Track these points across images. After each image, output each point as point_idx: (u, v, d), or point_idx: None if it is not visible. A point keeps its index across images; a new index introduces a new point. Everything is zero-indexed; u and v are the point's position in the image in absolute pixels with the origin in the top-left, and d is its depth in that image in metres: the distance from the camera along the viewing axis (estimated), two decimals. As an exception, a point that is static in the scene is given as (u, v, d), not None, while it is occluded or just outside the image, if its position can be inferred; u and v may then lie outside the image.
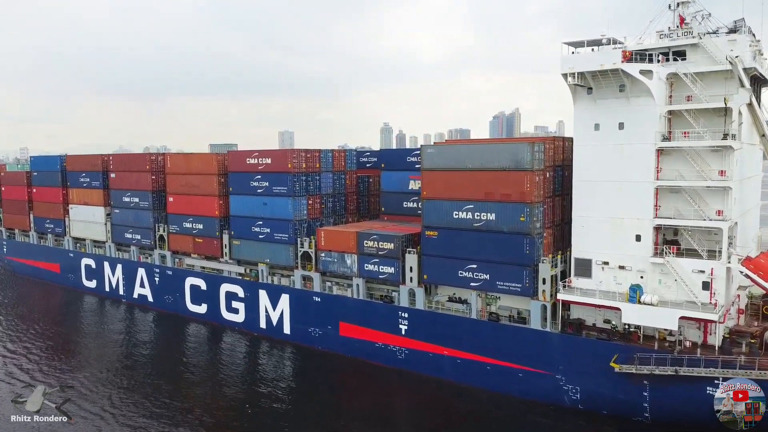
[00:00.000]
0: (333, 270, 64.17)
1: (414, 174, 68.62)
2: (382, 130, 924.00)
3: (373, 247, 60.31)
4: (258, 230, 70.59)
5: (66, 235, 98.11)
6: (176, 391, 57.48)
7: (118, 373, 62.21)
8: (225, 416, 51.71)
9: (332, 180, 71.69)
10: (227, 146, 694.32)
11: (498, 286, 52.24)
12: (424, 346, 57.45)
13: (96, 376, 61.03)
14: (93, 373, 61.94)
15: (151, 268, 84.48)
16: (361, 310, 62.01)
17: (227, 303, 75.00)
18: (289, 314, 68.51)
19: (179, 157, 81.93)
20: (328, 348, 65.15)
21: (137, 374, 61.97)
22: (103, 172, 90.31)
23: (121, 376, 61.09)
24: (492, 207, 51.85)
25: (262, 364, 65.68)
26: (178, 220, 79.84)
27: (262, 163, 69.51)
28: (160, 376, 61.28)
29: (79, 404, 52.85)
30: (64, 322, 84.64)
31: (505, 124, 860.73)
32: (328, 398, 55.47)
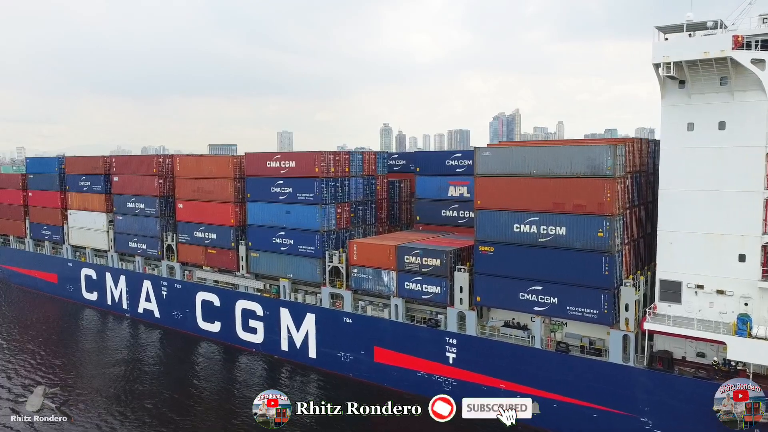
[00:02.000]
0: (367, 288, 56.78)
1: (454, 179, 61.58)
2: (382, 131, 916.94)
3: (415, 263, 52.94)
4: (279, 241, 63.16)
5: (64, 242, 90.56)
6: (182, 415, 51.48)
7: (116, 397, 55.81)
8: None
9: (362, 185, 64.31)
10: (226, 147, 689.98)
11: (569, 311, 44.88)
12: (477, 378, 50.08)
13: (92, 400, 54.73)
14: (89, 395, 55.70)
15: (158, 281, 76.99)
16: (401, 334, 54.62)
17: (244, 322, 67.55)
18: (315, 336, 61.07)
19: (190, 159, 74.52)
20: (360, 376, 57.75)
21: (140, 396, 55.85)
22: (105, 175, 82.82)
23: (120, 401, 54.76)
24: (562, 220, 44.50)
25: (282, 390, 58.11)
26: (188, 229, 72.38)
27: (284, 167, 62.10)
28: (166, 400, 55.14)
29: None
30: (61, 336, 77.32)
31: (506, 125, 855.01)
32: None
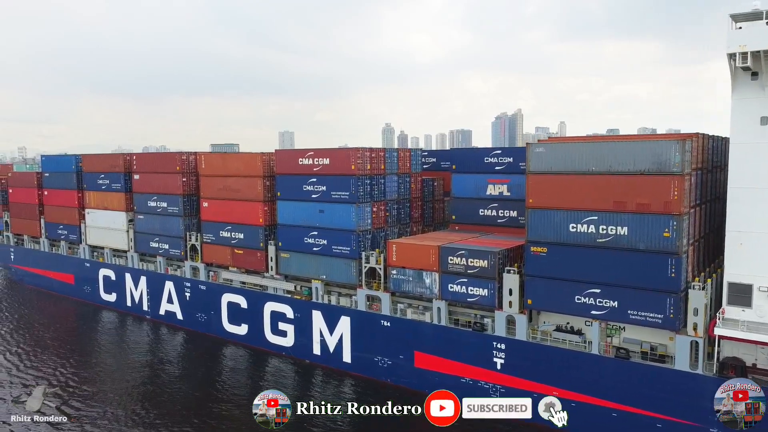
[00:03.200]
0: (407, 290, 54.52)
1: (494, 177, 59.24)
2: (384, 131, 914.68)
3: (460, 264, 50.67)
4: (312, 242, 60.91)
5: (81, 242, 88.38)
6: (206, 417, 50.18)
7: (136, 397, 54.93)
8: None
9: (397, 184, 62.06)
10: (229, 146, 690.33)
11: (630, 315, 42.60)
12: (527, 385, 47.78)
13: (110, 399, 54.03)
14: (106, 396, 54.92)
15: (180, 282, 74.77)
16: (443, 338, 52.37)
17: (273, 324, 65.31)
18: (350, 340, 58.83)
19: (216, 156, 72.32)
20: (399, 381, 55.51)
21: (160, 397, 54.71)
22: (125, 174, 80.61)
23: (139, 402, 53.73)
24: (624, 219, 42.20)
25: (315, 396, 55.96)
26: (213, 229, 70.15)
27: (318, 164, 59.86)
28: (189, 402, 54.20)
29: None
30: (79, 338, 75.68)
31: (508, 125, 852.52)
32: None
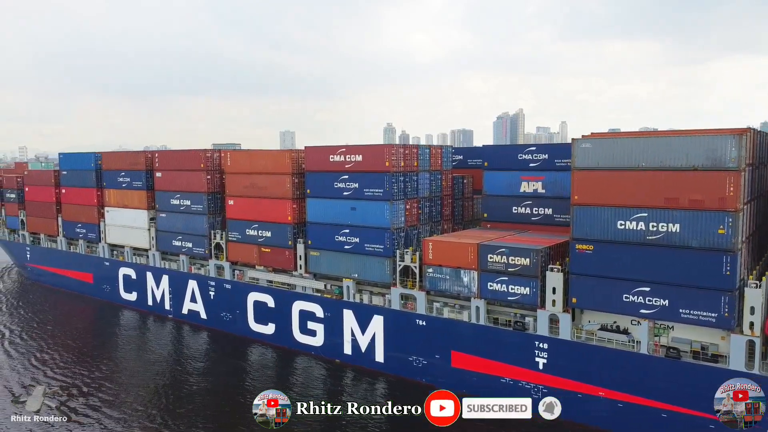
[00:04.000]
0: (444, 289, 53.65)
1: (528, 174, 58.43)
2: (386, 131, 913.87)
3: (500, 262, 49.78)
4: (343, 240, 60.04)
5: (101, 241, 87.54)
6: (231, 416, 49.76)
7: (157, 392, 55.47)
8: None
9: (429, 181, 61.18)
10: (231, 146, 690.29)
11: (681, 314, 41.72)
12: (570, 385, 46.96)
13: (131, 394, 54.49)
14: (127, 390, 55.46)
15: (204, 281, 73.91)
16: (482, 337, 51.50)
17: (301, 324, 64.45)
18: (383, 340, 57.97)
19: (242, 154, 71.41)
20: (434, 381, 54.56)
21: (182, 393, 54.86)
22: (146, 171, 79.76)
23: (161, 395, 54.34)
24: (676, 216, 41.30)
25: (346, 398, 54.99)
26: (239, 227, 69.28)
27: (350, 161, 58.96)
28: (213, 399, 53.85)
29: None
30: (98, 336, 75.26)
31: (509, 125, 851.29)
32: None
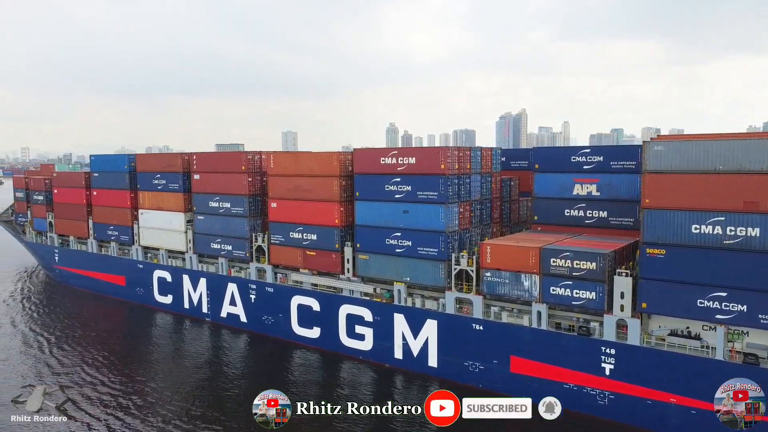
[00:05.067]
0: (503, 293, 52.99)
1: (581, 176, 57.80)
2: (388, 131, 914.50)
3: (564, 266, 49.13)
4: (395, 243, 59.40)
5: (134, 243, 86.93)
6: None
7: (193, 392, 55.92)
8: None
9: (480, 183, 60.56)
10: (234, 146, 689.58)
11: (761, 320, 41.09)
12: (639, 391, 46.30)
13: (169, 396, 54.34)
14: (164, 392, 55.32)
15: (245, 284, 73.25)
16: (544, 343, 50.85)
17: (349, 328, 63.80)
18: (437, 344, 57.33)
19: (286, 156, 70.76)
20: (492, 386, 53.98)
21: (221, 395, 55.15)
22: (183, 173, 79.15)
23: (196, 397, 54.72)
24: (756, 220, 40.66)
25: (397, 403, 54.03)
26: (282, 230, 68.65)
27: (402, 163, 58.31)
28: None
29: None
30: (131, 338, 74.76)
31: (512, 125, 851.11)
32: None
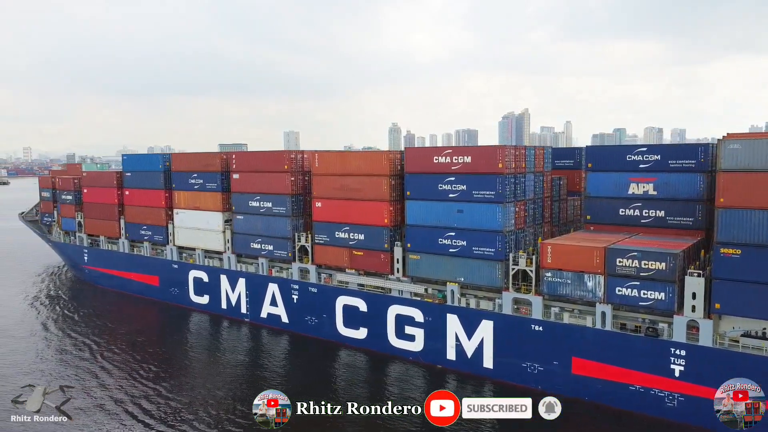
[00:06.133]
0: (564, 293, 52.30)
1: (637, 175, 56.93)
2: (391, 131, 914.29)
3: (631, 266, 48.43)
4: (448, 243, 58.73)
5: (168, 243, 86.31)
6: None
7: (235, 395, 54.96)
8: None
9: (533, 182, 59.90)
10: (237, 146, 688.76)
11: None
12: (712, 393, 45.47)
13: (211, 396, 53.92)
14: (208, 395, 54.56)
15: (287, 284, 72.60)
16: (608, 344, 50.14)
17: (398, 328, 63.15)
18: (493, 345, 56.66)
19: (332, 155, 69.99)
20: (551, 388, 53.17)
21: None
22: (222, 173, 78.53)
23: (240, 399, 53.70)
24: (840, 219, 40.04)
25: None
26: (327, 229, 67.99)
27: (457, 162, 57.63)
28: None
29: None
30: (171, 339, 74.28)
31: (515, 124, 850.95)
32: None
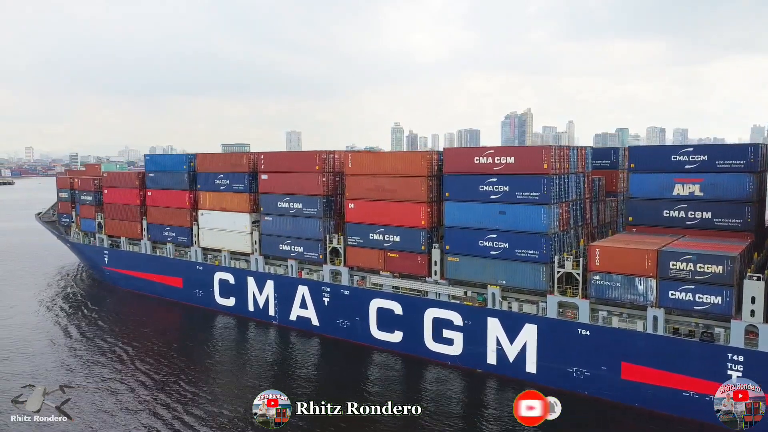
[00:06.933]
0: (613, 297, 51.17)
1: (683, 176, 55.85)
2: (393, 131, 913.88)
3: (685, 270, 47.31)
4: (489, 245, 57.63)
5: (193, 245, 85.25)
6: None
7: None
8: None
9: (576, 183, 58.80)
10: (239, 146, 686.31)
11: None
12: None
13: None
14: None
15: (318, 287, 71.51)
16: (661, 349, 49.02)
17: (435, 332, 62.06)
18: (536, 349, 55.56)
19: (366, 156, 68.96)
20: (599, 393, 52.26)
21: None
22: (249, 173, 77.48)
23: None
24: None
25: (492, 410, 52.34)
26: (361, 231, 66.90)
27: (499, 163, 56.53)
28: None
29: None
30: (198, 342, 72.56)
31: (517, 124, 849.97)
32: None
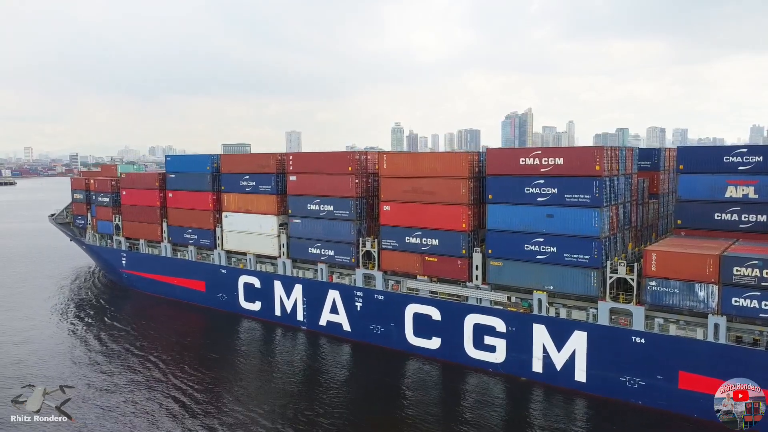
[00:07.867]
0: (671, 304, 49.24)
1: (736, 178, 54.05)
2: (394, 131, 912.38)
3: (750, 276, 45.41)
4: (535, 249, 55.69)
5: (216, 247, 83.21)
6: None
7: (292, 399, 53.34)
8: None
9: (624, 185, 56.88)
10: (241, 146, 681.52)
11: None
12: None
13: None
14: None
15: (350, 291, 69.52)
16: (723, 357, 47.09)
17: (476, 338, 60.12)
18: (586, 357, 53.64)
19: (402, 156, 66.98)
20: (653, 403, 50.33)
21: (320, 408, 50.53)
22: (277, 174, 75.52)
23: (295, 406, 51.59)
24: None
25: (540, 420, 50.50)
26: (397, 234, 64.93)
27: (547, 164, 54.58)
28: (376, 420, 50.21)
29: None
30: (226, 348, 70.65)
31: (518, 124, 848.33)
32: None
